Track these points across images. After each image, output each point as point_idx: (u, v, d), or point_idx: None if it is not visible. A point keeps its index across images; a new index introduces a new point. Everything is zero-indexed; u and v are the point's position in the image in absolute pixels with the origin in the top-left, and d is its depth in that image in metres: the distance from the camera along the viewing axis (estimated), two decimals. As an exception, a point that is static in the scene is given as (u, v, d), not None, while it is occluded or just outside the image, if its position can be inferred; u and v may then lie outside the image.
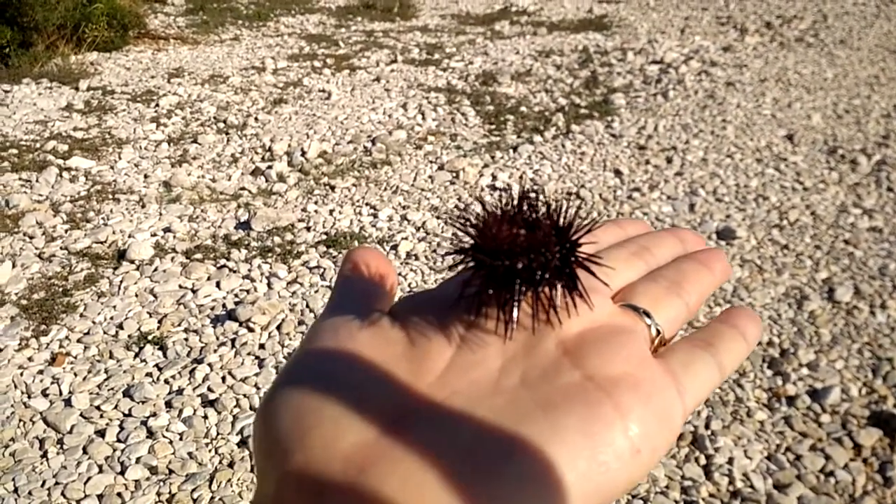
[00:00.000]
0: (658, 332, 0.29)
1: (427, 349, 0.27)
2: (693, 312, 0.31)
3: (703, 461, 1.64)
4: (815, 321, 2.08)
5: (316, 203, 2.88)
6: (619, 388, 0.25)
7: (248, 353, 2.01)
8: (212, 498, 1.58)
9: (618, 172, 3.07)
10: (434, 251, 2.49)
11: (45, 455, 1.68)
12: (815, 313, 2.12)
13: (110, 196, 2.95)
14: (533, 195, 0.28)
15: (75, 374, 1.94)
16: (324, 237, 2.62)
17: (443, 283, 0.30)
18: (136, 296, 2.28)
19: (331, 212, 2.80)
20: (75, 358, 2.02)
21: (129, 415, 1.80)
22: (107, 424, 1.77)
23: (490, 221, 0.27)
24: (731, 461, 1.63)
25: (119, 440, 1.73)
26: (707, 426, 1.72)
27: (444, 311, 0.28)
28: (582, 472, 0.23)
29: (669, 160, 3.15)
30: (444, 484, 0.22)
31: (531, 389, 0.25)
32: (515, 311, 0.27)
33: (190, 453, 1.69)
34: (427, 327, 0.28)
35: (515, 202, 0.28)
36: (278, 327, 2.11)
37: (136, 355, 2.02)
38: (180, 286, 2.33)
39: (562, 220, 0.28)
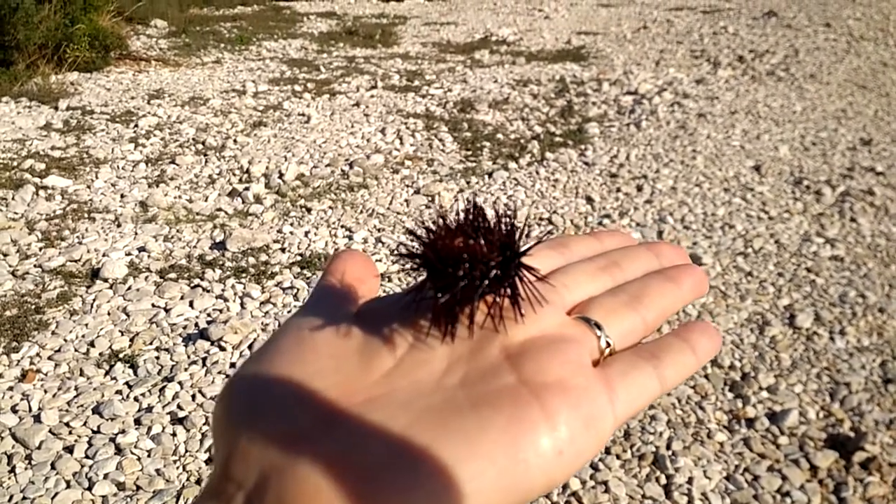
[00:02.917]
0: (608, 344, 0.30)
1: (379, 348, 0.28)
2: (651, 328, 0.32)
3: (663, 480, 1.68)
4: (775, 346, 2.14)
5: (292, 224, 2.91)
6: (549, 392, 0.26)
7: (219, 372, 2.03)
8: (178, 514, 1.59)
9: (589, 199, 3.13)
10: (407, 273, 2.53)
11: (13, 470, 1.69)
12: (776, 338, 2.17)
13: (86, 215, 2.97)
14: (487, 211, 0.30)
15: (45, 391, 1.95)
16: (298, 258, 2.65)
17: (408, 288, 0.31)
18: (109, 314, 2.29)
19: (306, 233, 2.84)
20: (46, 375, 2.02)
21: (98, 431, 1.81)
22: (75, 441, 1.78)
23: (443, 232, 0.29)
24: (690, 481, 1.67)
25: (87, 456, 1.73)
26: (668, 446, 1.76)
27: (402, 314, 0.30)
28: (501, 466, 0.24)
29: (640, 188, 3.22)
30: (368, 468, 0.24)
31: (468, 389, 0.27)
32: (457, 316, 0.28)
33: (158, 470, 1.70)
34: (383, 328, 0.29)
35: (470, 216, 0.29)
36: (250, 346, 2.13)
37: (107, 373, 2.03)
38: (153, 305, 2.34)
39: (511, 234, 0.29)
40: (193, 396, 1.93)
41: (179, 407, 1.89)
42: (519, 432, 0.25)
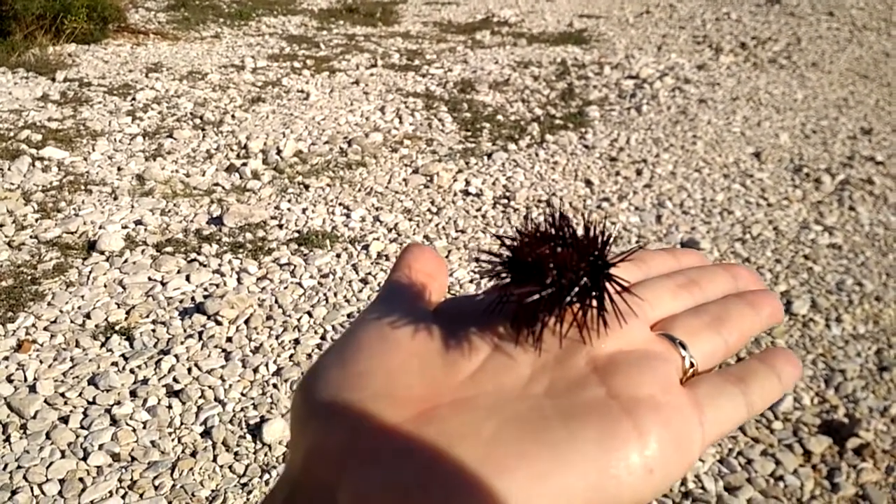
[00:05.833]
0: (692, 364, 0.29)
1: (462, 350, 0.28)
2: (732, 351, 0.31)
3: (657, 463, 1.68)
4: (771, 332, 2.14)
5: (289, 201, 2.90)
6: (640, 408, 0.26)
7: (215, 346, 2.02)
8: (173, 485, 1.59)
9: (588, 182, 3.12)
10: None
11: (7, 439, 1.69)
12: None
13: (83, 187, 2.95)
14: (574, 220, 0.28)
15: (41, 362, 1.95)
16: (296, 235, 2.64)
17: (486, 290, 0.31)
18: (105, 286, 2.29)
19: (304, 210, 2.82)
20: (41, 345, 2.02)
21: (94, 402, 1.81)
22: (71, 411, 1.78)
23: (530, 238, 0.28)
24: (684, 463, 1.68)
25: (82, 427, 1.73)
26: (663, 429, 1.77)
27: (484, 317, 0.29)
28: (592, 481, 0.24)
29: (639, 172, 3.21)
30: (458, 472, 0.23)
31: (555, 399, 0.26)
32: (540, 326, 0.28)
33: (153, 441, 1.70)
34: (465, 330, 0.29)
35: (557, 223, 0.29)
36: (246, 321, 2.13)
37: (103, 345, 2.03)
38: (150, 278, 2.34)
39: (599, 242, 0.29)
40: (189, 370, 1.93)
41: (175, 380, 1.89)
42: (610, 447, 0.24)
